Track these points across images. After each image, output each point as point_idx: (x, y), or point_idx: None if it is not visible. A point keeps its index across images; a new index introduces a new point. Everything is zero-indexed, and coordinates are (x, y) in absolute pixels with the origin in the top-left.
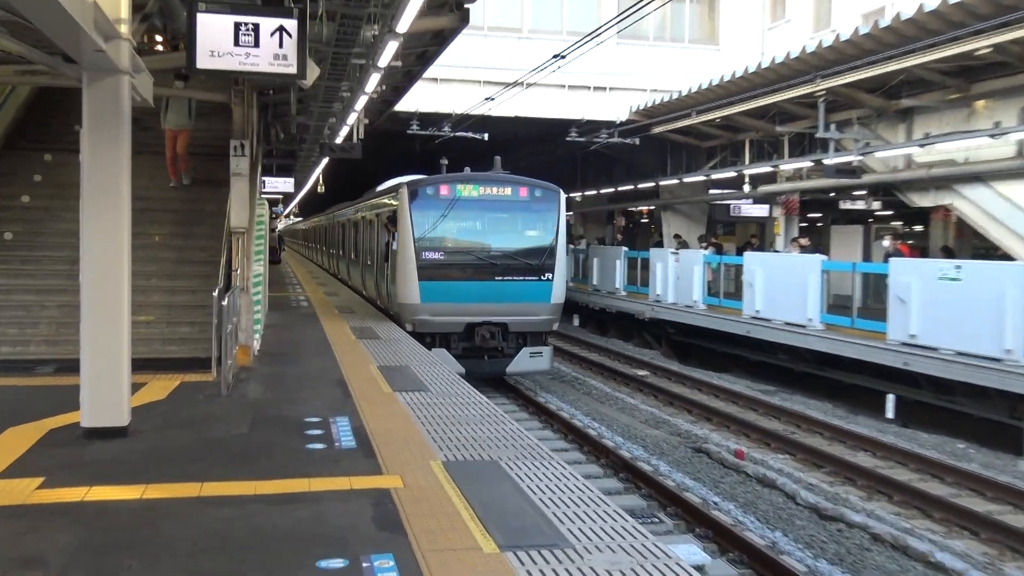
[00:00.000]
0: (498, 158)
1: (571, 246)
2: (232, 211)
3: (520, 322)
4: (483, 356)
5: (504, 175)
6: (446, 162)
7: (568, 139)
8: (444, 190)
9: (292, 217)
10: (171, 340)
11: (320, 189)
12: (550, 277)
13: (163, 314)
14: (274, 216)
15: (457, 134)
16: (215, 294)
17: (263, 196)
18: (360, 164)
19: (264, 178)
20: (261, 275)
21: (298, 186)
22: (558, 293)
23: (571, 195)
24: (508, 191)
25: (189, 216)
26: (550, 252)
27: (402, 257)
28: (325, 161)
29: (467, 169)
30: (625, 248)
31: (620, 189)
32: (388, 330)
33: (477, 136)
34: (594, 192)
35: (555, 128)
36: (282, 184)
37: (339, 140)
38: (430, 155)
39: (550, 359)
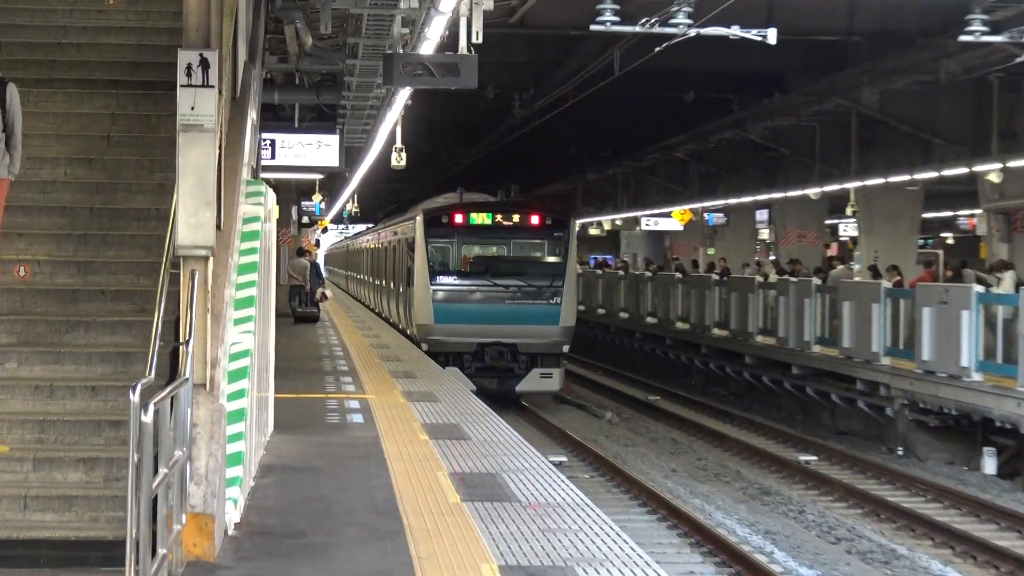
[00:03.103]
0: (515, 186)
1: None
2: (180, 211)
3: (529, 343)
4: (495, 376)
5: (516, 202)
6: (461, 189)
7: (963, 39)
8: (458, 217)
9: (346, 224)
10: (43, 499)
11: (397, 162)
12: (558, 301)
13: (29, 439)
14: (306, 222)
15: (704, 31)
16: (135, 396)
17: (263, 177)
18: (485, 105)
19: (268, 136)
20: (250, 353)
21: (354, 157)
22: (567, 316)
23: (978, 168)
24: (519, 218)
25: (93, 220)
26: (559, 276)
27: (418, 280)
28: (403, 99)
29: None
30: None
31: None
32: (532, 478)
33: (750, 35)
34: None
35: (929, 17)
36: (314, 151)
37: (426, 49)
38: (644, 85)
39: (560, 380)
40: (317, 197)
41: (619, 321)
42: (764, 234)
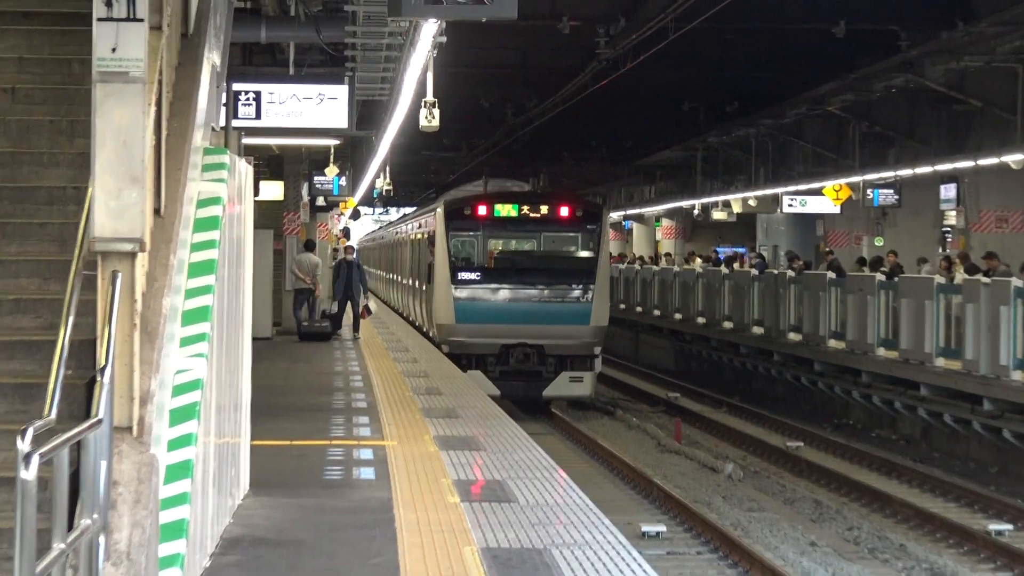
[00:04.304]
0: (543, 173)
1: None
2: (98, 191)
3: (557, 345)
4: (520, 379)
5: (544, 193)
6: (486, 178)
7: None
8: (482, 209)
9: (382, 207)
10: None
11: (427, 122)
12: (589, 299)
13: None
14: (322, 204)
15: None
16: (22, 443)
17: (249, 144)
18: (560, 42)
19: (249, 87)
20: (202, 384)
21: (378, 115)
22: (599, 315)
23: None
24: (546, 210)
25: None
26: (590, 273)
27: (439, 277)
28: (429, 35)
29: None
30: None
31: None
32: (594, 555)
33: None
34: None
35: None
36: (313, 107)
37: None
38: (772, 13)
39: (592, 385)
40: (332, 170)
41: (751, 339)
42: (952, 218)
